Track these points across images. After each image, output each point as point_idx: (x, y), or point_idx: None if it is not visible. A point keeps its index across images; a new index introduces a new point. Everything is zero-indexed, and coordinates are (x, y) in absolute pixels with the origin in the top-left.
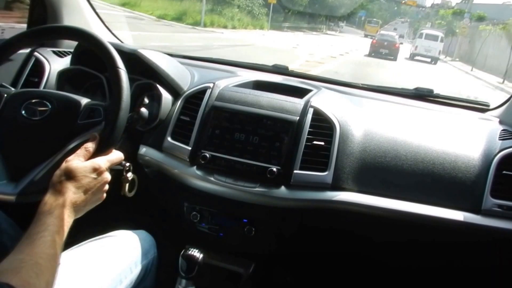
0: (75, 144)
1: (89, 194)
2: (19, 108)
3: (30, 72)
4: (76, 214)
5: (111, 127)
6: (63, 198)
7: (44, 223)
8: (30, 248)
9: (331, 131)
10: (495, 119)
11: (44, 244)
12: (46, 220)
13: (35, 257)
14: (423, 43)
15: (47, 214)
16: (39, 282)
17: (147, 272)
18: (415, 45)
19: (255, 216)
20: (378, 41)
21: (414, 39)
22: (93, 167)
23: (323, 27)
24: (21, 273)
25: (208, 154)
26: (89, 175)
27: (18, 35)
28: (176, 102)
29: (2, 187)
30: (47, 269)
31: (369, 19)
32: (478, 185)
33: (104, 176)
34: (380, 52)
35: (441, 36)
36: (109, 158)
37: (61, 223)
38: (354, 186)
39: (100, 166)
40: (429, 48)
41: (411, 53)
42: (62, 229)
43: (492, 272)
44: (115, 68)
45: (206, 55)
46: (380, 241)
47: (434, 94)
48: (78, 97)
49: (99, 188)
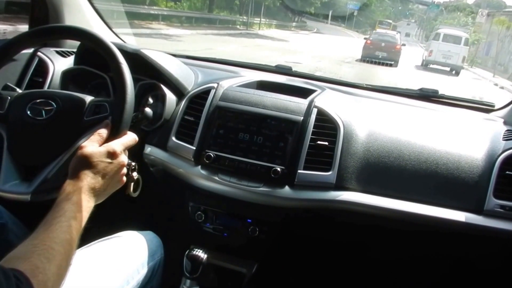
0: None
1: (107, 179)
2: (24, 109)
3: (34, 72)
4: (97, 199)
5: (120, 112)
6: (81, 184)
7: (61, 209)
8: (45, 234)
9: (335, 131)
10: (500, 120)
11: (60, 229)
12: (63, 206)
13: (49, 241)
14: (441, 47)
15: (64, 201)
16: (50, 266)
17: (154, 273)
18: (429, 49)
19: (259, 216)
20: (373, 41)
21: (428, 42)
22: (108, 151)
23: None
24: (31, 258)
25: (213, 154)
26: (105, 160)
27: (20, 36)
28: (180, 102)
29: (15, 187)
30: (59, 253)
31: (380, 20)
32: (481, 185)
33: (120, 159)
34: (375, 55)
35: (465, 37)
36: (122, 141)
37: (79, 209)
38: (358, 186)
39: (115, 150)
40: (448, 53)
41: (424, 60)
42: (80, 214)
43: (494, 272)
44: (117, 63)
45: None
46: (383, 241)
47: (439, 94)
48: (82, 95)
49: (117, 171)
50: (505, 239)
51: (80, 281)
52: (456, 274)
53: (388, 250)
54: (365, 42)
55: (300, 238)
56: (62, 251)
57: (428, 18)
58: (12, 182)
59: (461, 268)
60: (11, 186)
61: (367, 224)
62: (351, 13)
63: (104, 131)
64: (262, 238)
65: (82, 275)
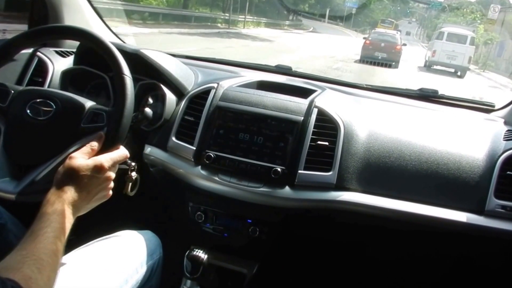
0: (77, 147)
1: (91, 193)
2: (25, 107)
3: (33, 72)
4: (78, 211)
5: (116, 126)
6: (64, 196)
7: (47, 220)
8: (33, 244)
9: (335, 131)
10: (500, 120)
11: (46, 240)
12: (49, 216)
13: (38, 252)
14: (445, 47)
15: (49, 210)
16: (41, 277)
17: (153, 272)
18: (432, 49)
19: (259, 217)
20: (372, 41)
21: (431, 42)
22: (95, 165)
23: (285, 22)
24: (23, 268)
25: (213, 154)
26: (91, 174)
27: (19, 35)
28: (180, 102)
29: (4, 184)
30: (48, 264)
31: (382, 19)
32: (482, 186)
33: (107, 174)
34: (375, 56)
35: (471, 36)
36: (112, 156)
37: (63, 220)
38: (358, 187)
39: (103, 164)
40: (453, 53)
41: (427, 61)
42: (64, 225)
43: (495, 273)
44: (120, 74)
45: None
46: (384, 242)
47: (439, 95)
48: (82, 100)
49: (102, 186)
50: (506, 240)
51: (79, 280)
52: (457, 274)
53: (388, 251)
54: (364, 42)
55: (300, 238)
56: (50, 262)
57: (429, 16)
58: (1, 179)
59: (462, 269)
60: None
61: (368, 225)
62: (350, 11)
63: (96, 144)
64: (263, 239)
65: (81, 274)
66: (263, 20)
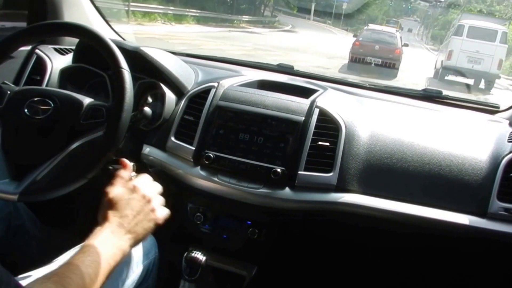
0: (78, 144)
1: (135, 213)
2: (22, 106)
3: (32, 70)
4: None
5: (116, 121)
6: (108, 224)
7: (87, 250)
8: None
9: (336, 132)
10: (505, 121)
11: (82, 264)
12: (89, 246)
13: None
14: (466, 46)
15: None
16: None
17: (149, 272)
18: (448, 49)
19: (258, 218)
20: (363, 43)
21: (447, 40)
22: (128, 188)
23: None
24: (47, 283)
25: (212, 154)
26: (127, 196)
27: (18, 32)
28: (180, 102)
29: (4, 185)
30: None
31: (387, 19)
32: (484, 188)
33: (141, 192)
34: (367, 61)
35: (502, 31)
36: (141, 180)
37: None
38: (359, 188)
39: (134, 185)
40: (477, 55)
41: (440, 68)
42: (107, 251)
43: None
44: (118, 68)
45: None
46: (385, 244)
47: (443, 95)
48: (80, 97)
49: (143, 204)
50: (509, 243)
51: None
52: (460, 276)
53: (389, 253)
54: (353, 43)
55: (300, 240)
56: (80, 283)
57: (433, 14)
58: (1, 181)
59: (464, 271)
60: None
61: (369, 226)
62: (340, 6)
63: (125, 173)
64: (262, 240)
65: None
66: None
